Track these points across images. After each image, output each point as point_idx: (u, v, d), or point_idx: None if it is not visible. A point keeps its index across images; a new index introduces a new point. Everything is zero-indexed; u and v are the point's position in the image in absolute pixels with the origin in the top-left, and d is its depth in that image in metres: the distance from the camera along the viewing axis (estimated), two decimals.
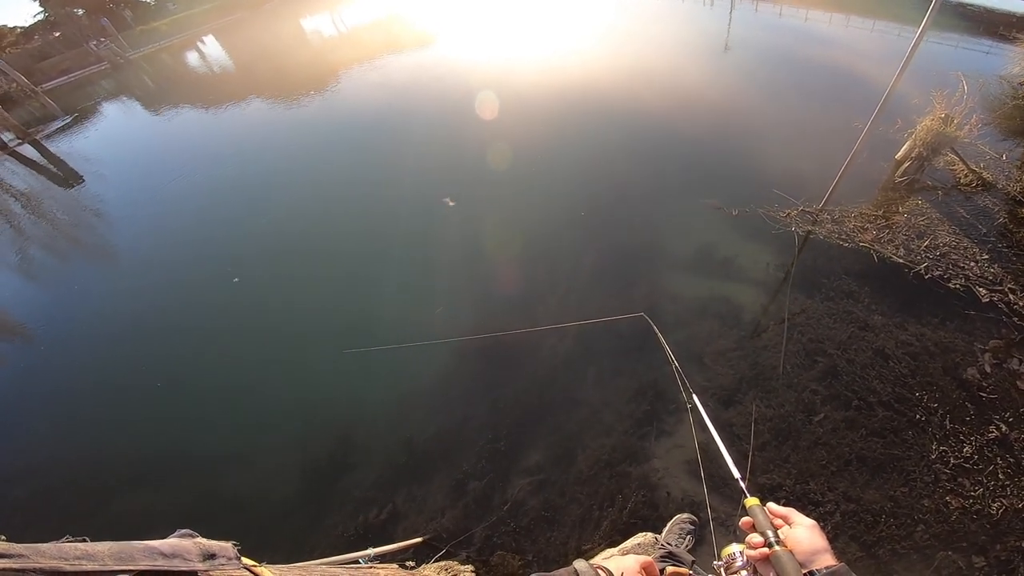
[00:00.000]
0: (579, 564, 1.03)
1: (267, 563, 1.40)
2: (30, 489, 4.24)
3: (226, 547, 1.16)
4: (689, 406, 2.05)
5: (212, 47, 27.95)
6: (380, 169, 8.14)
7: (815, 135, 6.54)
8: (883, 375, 3.41)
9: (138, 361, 5.40)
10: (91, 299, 6.88)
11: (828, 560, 0.91)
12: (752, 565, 1.01)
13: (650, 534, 2.77)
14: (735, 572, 1.06)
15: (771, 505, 1.07)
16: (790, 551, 0.93)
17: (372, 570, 2.12)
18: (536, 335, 4.30)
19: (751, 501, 1.11)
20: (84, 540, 0.98)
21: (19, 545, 0.87)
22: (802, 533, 0.96)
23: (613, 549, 2.71)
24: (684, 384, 2.30)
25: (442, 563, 2.88)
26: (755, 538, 0.99)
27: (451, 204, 4.80)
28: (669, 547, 2.42)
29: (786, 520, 1.03)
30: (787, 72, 8.96)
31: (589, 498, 3.17)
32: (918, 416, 3.12)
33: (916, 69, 6.07)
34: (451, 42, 15.66)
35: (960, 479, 2.79)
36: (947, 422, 3.05)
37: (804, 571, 0.90)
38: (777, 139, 6.64)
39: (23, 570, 0.83)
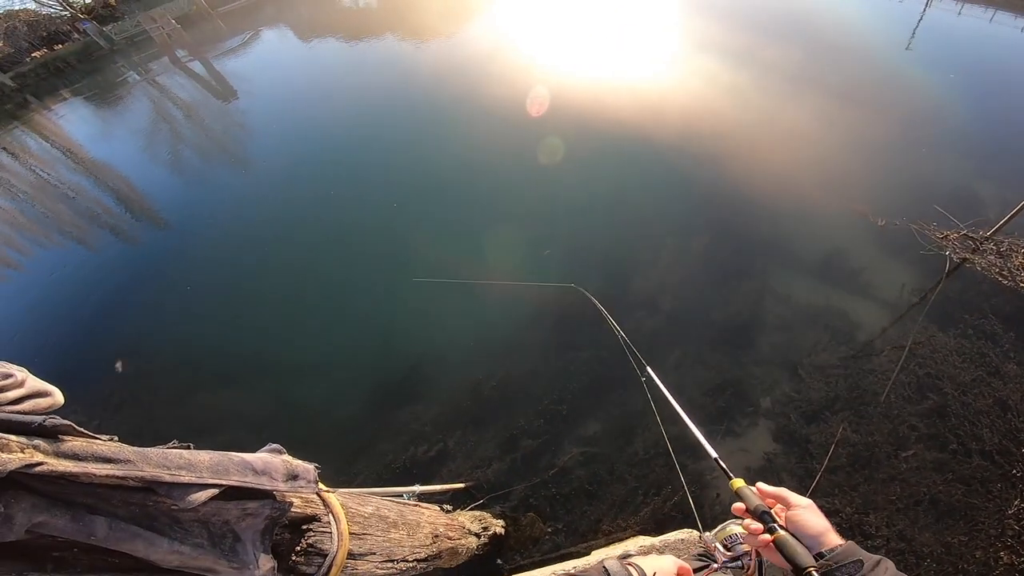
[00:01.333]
0: (610, 564, 0.98)
1: (329, 489, 1.50)
2: (136, 371, 4.88)
3: (308, 469, 1.23)
4: (643, 379, 1.97)
5: None
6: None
7: (1000, 154, 5.75)
8: (995, 426, 3.19)
9: (244, 266, 6.05)
10: (220, 201, 7.86)
11: (834, 539, 0.88)
12: (754, 549, 0.99)
13: (695, 532, 2.76)
14: (735, 557, 1.08)
15: (761, 485, 1.03)
16: (793, 534, 0.89)
17: (418, 508, 2.20)
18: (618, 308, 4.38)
19: (737, 483, 1.05)
20: (189, 447, 1.05)
21: (129, 449, 0.91)
22: (803, 513, 0.93)
23: (655, 539, 2.73)
24: (635, 356, 2.23)
25: (476, 512, 2.95)
26: (753, 524, 0.95)
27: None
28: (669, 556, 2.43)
29: (780, 500, 0.98)
30: (981, 82, 7.76)
31: (637, 481, 3.23)
32: (1015, 471, 2.95)
33: None
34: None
35: None
36: None
37: (812, 553, 0.85)
38: (956, 151, 5.95)
39: (125, 476, 0.87)
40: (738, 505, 1.01)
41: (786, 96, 7.87)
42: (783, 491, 0.99)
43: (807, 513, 0.93)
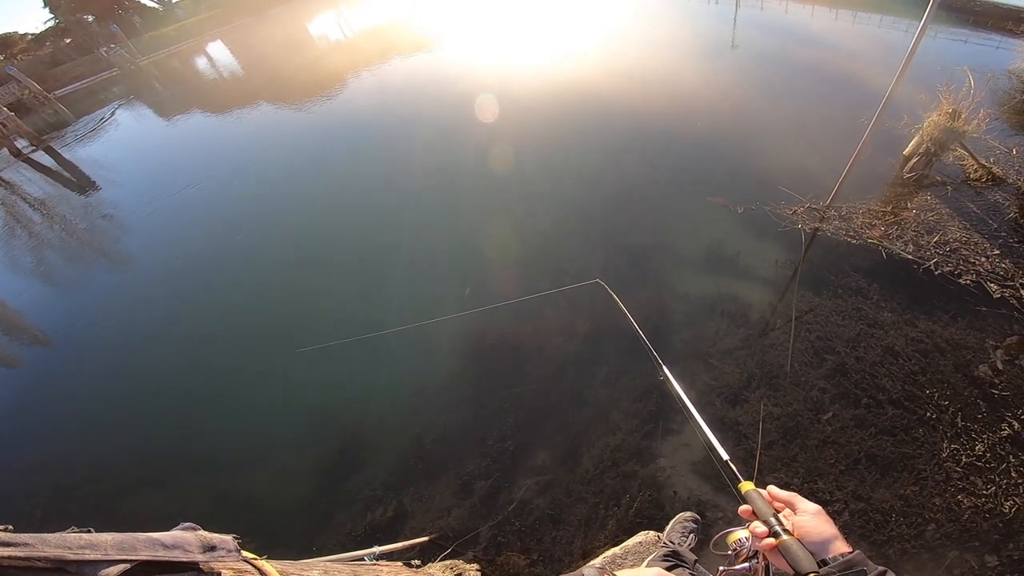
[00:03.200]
0: (588, 571, 1.00)
1: (268, 558, 1.40)
2: (41, 486, 4.34)
3: (226, 539, 1.18)
4: (661, 378, 1.98)
5: (219, 52, 28.30)
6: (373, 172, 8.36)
7: (821, 132, 6.52)
8: (893, 373, 3.38)
9: (147, 366, 5.49)
10: (104, 305, 7.01)
11: (841, 547, 0.87)
12: (762, 554, 0.95)
13: (652, 532, 2.76)
14: (743, 560, 1.02)
15: (772, 489, 1.02)
16: (799, 540, 0.88)
17: (375, 567, 2.10)
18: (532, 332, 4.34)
19: (746, 485, 1.05)
20: (89, 531, 0.98)
21: (24, 535, 0.88)
22: (809, 520, 0.91)
23: (616, 548, 2.69)
24: (653, 355, 2.18)
25: (448, 562, 2.88)
26: (759, 527, 0.94)
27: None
28: (672, 546, 2.41)
29: (789, 505, 0.98)
30: (791, 69, 8.94)
31: (595, 496, 3.17)
32: (929, 414, 3.09)
33: (923, 65, 6.07)
34: (451, 47, 15.69)
35: (972, 477, 2.77)
36: (959, 420, 3.02)
37: (817, 560, 0.85)
38: (782, 137, 6.63)
39: (28, 558, 0.84)
40: (745, 508, 1.01)
41: (630, 101, 8.41)
42: (793, 496, 0.99)
43: (814, 519, 0.92)
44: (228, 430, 4.48)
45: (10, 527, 0.91)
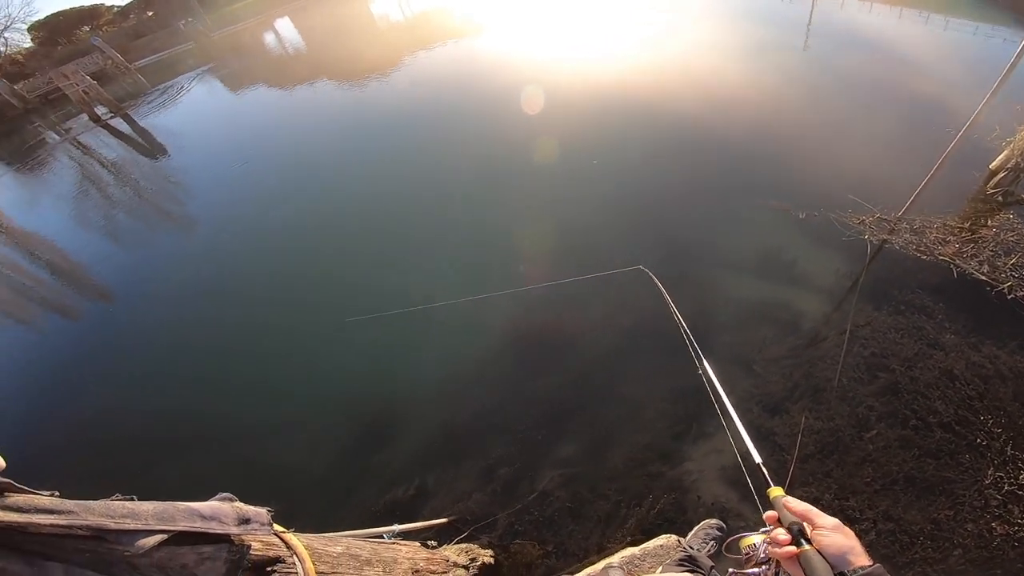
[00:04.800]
0: (614, 573, 1.00)
1: (295, 531, 1.50)
2: (85, 440, 4.73)
3: (260, 513, 1.25)
4: (699, 371, 1.99)
5: (286, 28, 29.44)
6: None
7: (899, 140, 6.20)
8: (948, 396, 3.27)
9: (196, 327, 5.89)
10: (161, 265, 7.55)
11: (861, 560, 0.85)
12: (774, 561, 0.95)
13: (673, 536, 2.77)
14: (753, 565, 1.01)
15: (788, 501, 1.01)
16: (818, 551, 0.87)
17: (394, 545, 2.18)
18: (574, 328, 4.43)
19: (776, 491, 1.04)
20: (132, 499, 1.06)
21: (70, 502, 0.94)
22: (830, 534, 0.90)
23: (635, 549, 2.72)
24: (692, 346, 2.20)
25: (463, 545, 2.94)
26: (781, 534, 0.93)
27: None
28: (690, 551, 2.42)
29: (805, 518, 0.95)
30: (871, 72, 8.42)
31: (618, 495, 3.20)
32: (979, 440, 2.99)
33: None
34: (511, 33, 15.65)
35: (1010, 506, 2.67)
36: (1009, 448, 2.90)
37: (835, 572, 0.83)
38: (856, 142, 6.33)
39: (70, 526, 0.90)
40: (771, 514, 1.01)
41: (693, 103, 8.21)
42: (810, 510, 0.97)
43: (833, 533, 0.90)
44: (264, 396, 4.73)
45: (56, 493, 0.98)
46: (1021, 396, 3.18)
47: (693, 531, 2.81)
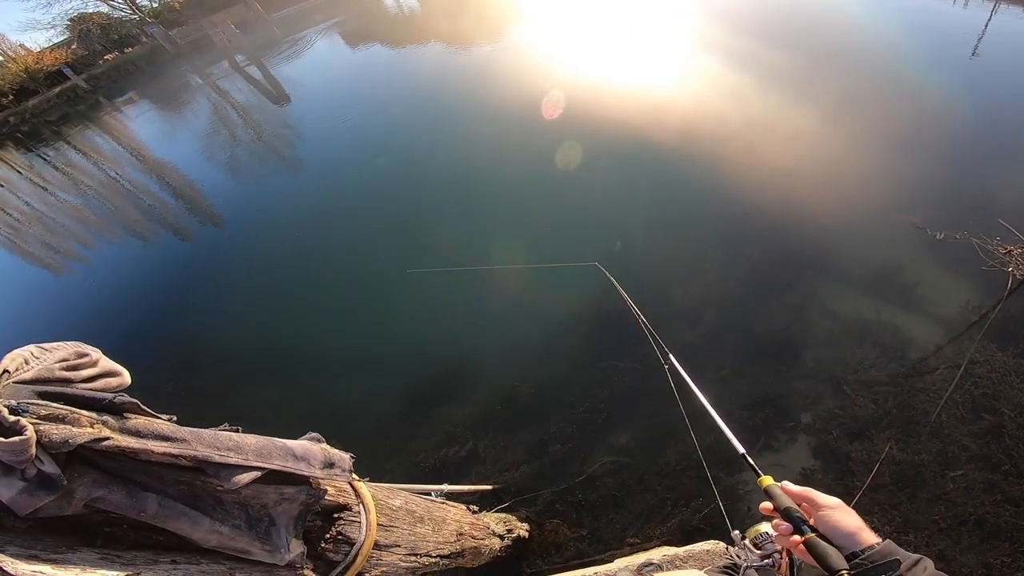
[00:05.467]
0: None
1: (368, 480, 1.60)
2: (179, 358, 5.35)
3: (344, 458, 1.29)
4: (666, 366, 1.96)
5: None
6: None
7: None
8: None
9: (292, 266, 6.45)
10: (268, 201, 8.40)
11: (869, 537, 0.85)
12: (785, 549, 0.97)
13: (722, 544, 2.71)
14: (767, 556, 1.08)
15: (787, 484, 1.01)
16: (824, 535, 0.87)
17: (444, 506, 2.25)
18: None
19: (766, 480, 1.04)
20: (237, 430, 1.09)
21: (184, 429, 0.97)
22: (832, 514, 0.90)
23: (679, 549, 2.70)
24: (656, 342, 2.18)
25: (502, 515, 2.98)
26: (783, 524, 0.93)
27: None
28: (737, 560, 2.47)
29: (807, 500, 0.96)
30: None
31: (666, 492, 3.23)
32: None
33: None
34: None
35: None
36: None
37: (846, 553, 0.83)
38: (1019, 163, 5.59)
39: (179, 455, 0.92)
40: (766, 504, 1.00)
41: (838, 103, 7.61)
42: (810, 491, 0.97)
43: (837, 513, 0.90)
44: (338, 337, 5.10)
45: (174, 417, 1.03)
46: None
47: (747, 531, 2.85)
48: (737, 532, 1.21)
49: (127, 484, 0.90)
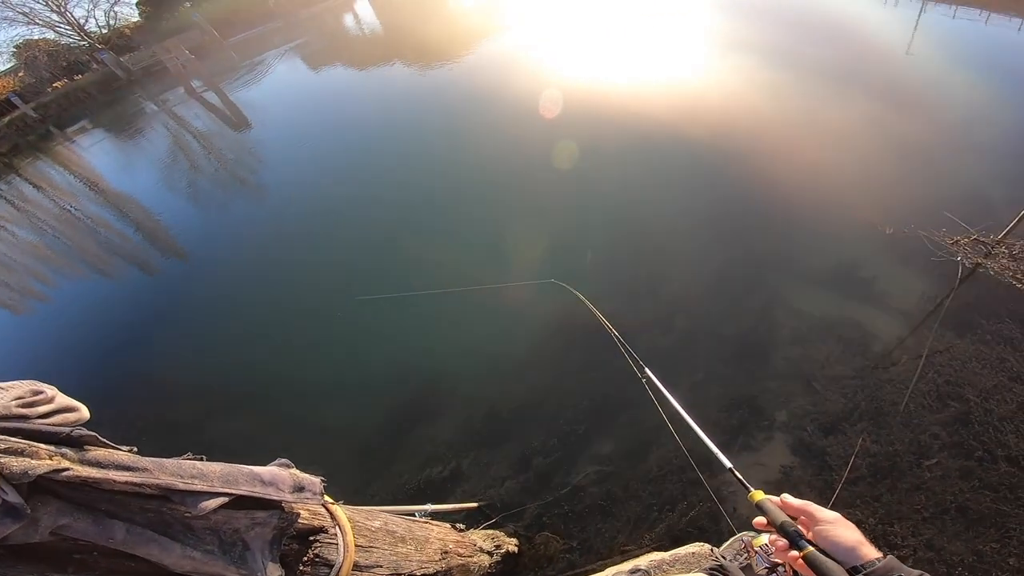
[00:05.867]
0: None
1: (342, 503, 1.58)
2: (146, 394, 5.18)
3: (315, 482, 1.30)
4: (643, 380, 1.95)
5: (365, 9, 30.30)
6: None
7: (1010, 158, 5.68)
8: (1021, 430, 3.14)
9: (258, 294, 6.36)
10: (233, 229, 8.28)
11: (870, 552, 0.83)
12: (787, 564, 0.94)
13: (707, 546, 2.72)
14: (773, 568, 1.05)
15: (786, 497, 0.99)
16: (823, 550, 0.86)
17: (427, 525, 2.24)
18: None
19: (757, 495, 1.02)
20: (202, 458, 1.10)
21: (146, 459, 0.98)
22: (832, 528, 0.88)
23: (664, 554, 2.70)
24: (632, 357, 2.18)
25: (489, 531, 2.96)
26: (780, 540, 0.92)
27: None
28: (722, 560, 2.43)
29: (805, 514, 0.95)
30: (983, 84, 7.63)
31: (652, 498, 3.22)
32: None
33: None
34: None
35: None
36: None
37: (847, 567, 0.82)
38: (959, 157, 5.88)
39: (141, 484, 0.93)
40: (759, 519, 0.99)
41: (784, 104, 7.94)
42: (809, 505, 0.95)
43: (837, 527, 0.89)
44: (313, 365, 5.01)
45: (134, 449, 1.02)
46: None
47: (728, 542, 2.75)
48: (748, 536, 1.11)
49: (93, 512, 0.91)
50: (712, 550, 2.69)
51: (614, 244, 5.65)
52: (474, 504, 3.27)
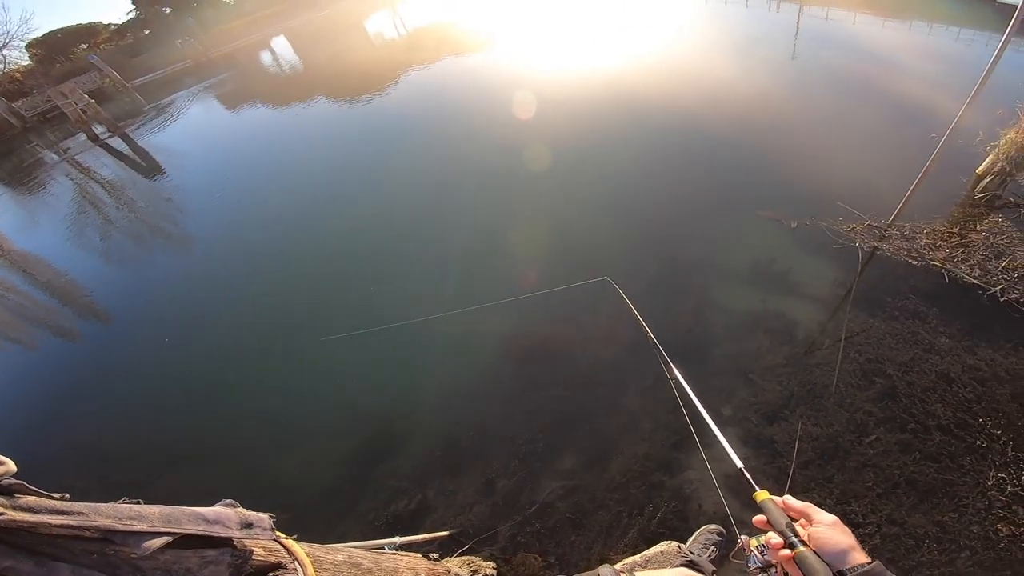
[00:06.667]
0: (604, 570, 0.99)
1: (297, 538, 1.48)
2: (88, 457, 4.75)
3: (263, 518, 1.26)
4: (672, 381, 1.95)
5: (282, 46, 29.91)
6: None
7: (887, 147, 6.24)
8: (945, 399, 3.27)
9: (192, 347, 5.89)
10: (157, 284, 7.62)
11: (859, 557, 0.85)
12: (779, 564, 0.94)
13: (674, 543, 2.78)
14: (766, 567, 1.00)
15: (788, 499, 1.01)
16: (815, 551, 0.87)
17: (395, 557, 2.18)
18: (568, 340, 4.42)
19: (761, 495, 1.04)
20: (138, 502, 1.07)
21: (79, 504, 0.97)
22: (825, 531, 0.90)
23: (636, 556, 2.72)
24: (661, 353, 2.18)
25: (465, 558, 2.92)
26: (774, 537, 0.94)
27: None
28: (692, 556, 2.47)
29: (804, 516, 0.96)
30: (857, 81, 8.51)
31: (619, 505, 3.19)
32: (979, 442, 2.97)
33: (1004, 80, 5.76)
34: (495, 49, 15.83)
35: (1015, 507, 2.63)
36: (1009, 450, 2.88)
37: (834, 571, 0.83)
38: (844, 151, 6.37)
39: (79, 527, 0.92)
40: (759, 517, 1.01)
41: (681, 111, 8.36)
42: (809, 507, 0.97)
43: (830, 530, 0.90)
44: (264, 413, 4.72)
45: (67, 495, 1.00)
46: (1019, 397, 3.17)
47: (693, 536, 2.81)
48: (745, 537, 1.07)
49: (35, 555, 0.89)
50: (680, 547, 2.73)
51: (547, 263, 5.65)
52: (445, 533, 3.20)
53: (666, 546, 2.74)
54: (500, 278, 5.46)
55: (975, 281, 4.06)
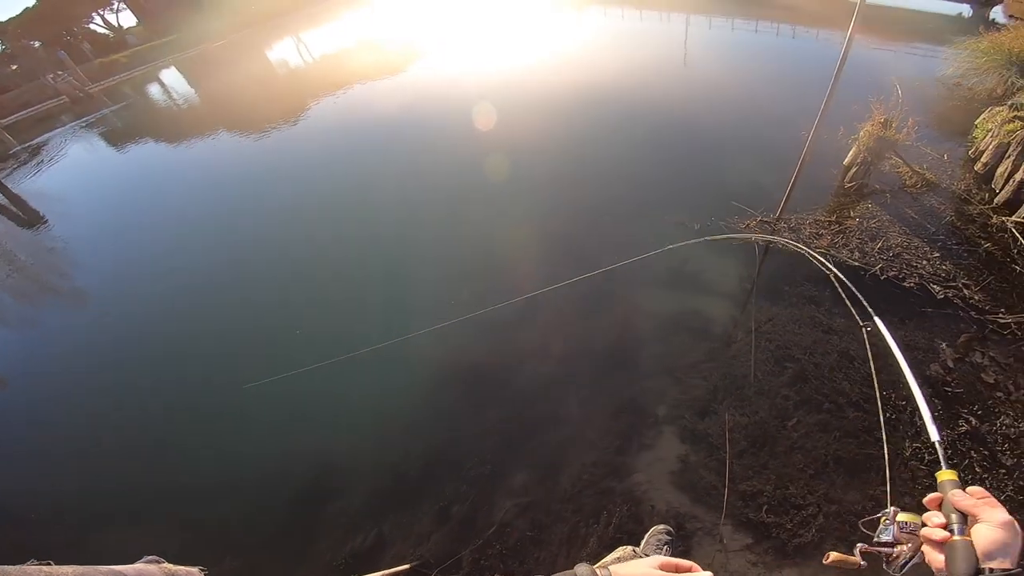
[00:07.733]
0: (580, 569, 0.93)
1: None
2: (23, 524, 4.17)
3: (192, 571, 1.17)
4: (867, 329, 1.96)
5: (174, 79, 27.94)
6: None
7: (768, 146, 6.76)
8: (850, 376, 3.52)
9: (103, 403, 5.37)
10: (56, 340, 6.82)
11: (1008, 562, 0.79)
12: (915, 544, 0.92)
13: (629, 547, 2.72)
14: (891, 544, 0.97)
15: (973, 490, 0.91)
16: (970, 542, 0.81)
17: None
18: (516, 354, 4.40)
19: (946, 474, 0.97)
20: (49, 563, 0.99)
21: None
22: (987, 530, 0.82)
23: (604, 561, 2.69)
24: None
25: None
26: (936, 518, 0.90)
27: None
28: (647, 558, 2.43)
29: (971, 514, 0.88)
30: (739, 86, 9.19)
31: (574, 515, 3.19)
32: (888, 414, 3.22)
33: (857, 77, 6.42)
34: (396, 79, 15.72)
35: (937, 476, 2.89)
36: (916, 419, 3.16)
37: (976, 568, 0.78)
38: (732, 153, 6.84)
39: None
40: (934, 496, 0.96)
41: (580, 128, 8.67)
42: (979, 508, 0.87)
43: (996, 529, 0.82)
44: (194, 467, 4.36)
45: None
46: (914, 367, 3.46)
47: (645, 539, 2.85)
48: (895, 508, 1.02)
49: None
50: (635, 550, 2.70)
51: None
52: (406, 566, 3.10)
53: (621, 551, 2.69)
54: (418, 309, 5.30)
55: (856, 263, 4.44)
